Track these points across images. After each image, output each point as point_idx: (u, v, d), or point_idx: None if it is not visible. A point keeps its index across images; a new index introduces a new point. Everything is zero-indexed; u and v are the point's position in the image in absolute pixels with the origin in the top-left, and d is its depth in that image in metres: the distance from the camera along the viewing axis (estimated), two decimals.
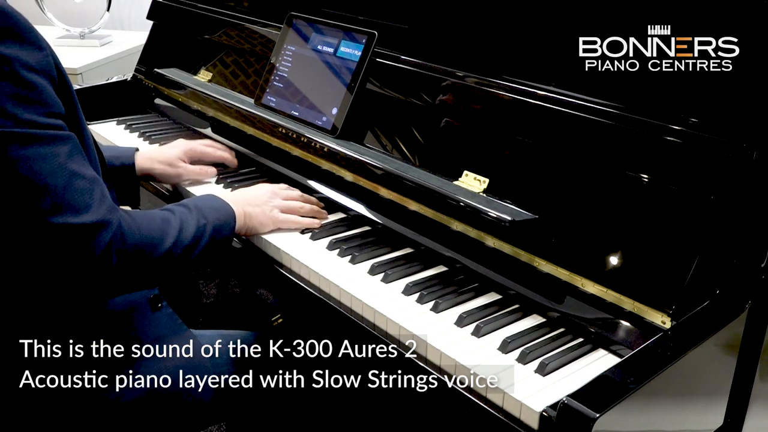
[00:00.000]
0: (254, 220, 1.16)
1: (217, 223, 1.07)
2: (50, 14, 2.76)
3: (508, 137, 1.09)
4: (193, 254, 1.02)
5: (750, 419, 0.96)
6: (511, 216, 0.99)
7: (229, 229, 1.10)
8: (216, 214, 1.08)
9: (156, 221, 1.00)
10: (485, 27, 1.19)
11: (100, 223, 0.88)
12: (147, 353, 1.06)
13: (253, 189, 1.23)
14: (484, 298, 1.02)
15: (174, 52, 1.83)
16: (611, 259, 0.93)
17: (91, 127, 1.74)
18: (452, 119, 1.17)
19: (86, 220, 0.87)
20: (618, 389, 0.71)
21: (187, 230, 1.02)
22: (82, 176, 0.88)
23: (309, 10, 1.47)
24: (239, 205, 1.14)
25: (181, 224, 1.02)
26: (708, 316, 0.85)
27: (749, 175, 0.87)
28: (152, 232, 0.97)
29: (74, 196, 0.87)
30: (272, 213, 1.18)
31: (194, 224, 1.03)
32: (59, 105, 0.89)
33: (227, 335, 1.21)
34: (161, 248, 0.97)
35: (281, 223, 1.19)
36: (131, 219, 0.95)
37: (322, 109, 1.35)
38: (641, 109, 0.96)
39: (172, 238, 0.99)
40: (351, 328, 1.01)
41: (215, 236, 1.06)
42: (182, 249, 1.00)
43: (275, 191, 1.22)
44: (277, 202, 1.20)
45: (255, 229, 1.17)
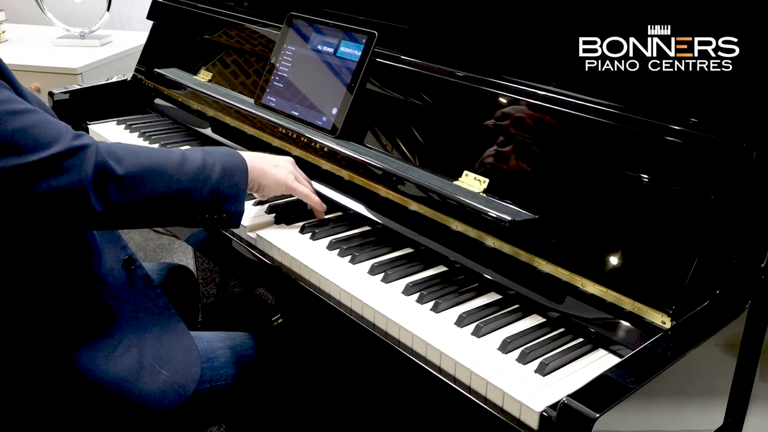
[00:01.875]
0: (269, 177, 1.14)
1: (226, 165, 1.04)
2: (50, 14, 2.76)
3: (508, 137, 1.09)
4: (203, 193, 0.99)
5: (750, 419, 0.96)
6: (511, 216, 0.99)
7: (242, 177, 1.06)
8: (226, 158, 1.06)
9: (156, 150, 0.98)
10: (485, 27, 1.19)
11: (73, 149, 0.86)
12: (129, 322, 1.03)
13: (271, 155, 1.21)
14: (484, 298, 1.02)
15: (174, 52, 1.83)
16: (611, 259, 0.93)
17: (91, 126, 1.74)
18: (452, 119, 1.17)
19: (59, 148, 0.84)
20: (618, 389, 0.71)
21: (193, 163, 0.99)
22: (32, 111, 0.86)
23: (309, 10, 1.47)
24: (252, 160, 1.11)
25: (183, 156, 0.99)
26: (708, 316, 0.85)
27: (749, 175, 0.87)
28: (152, 158, 0.95)
29: (36, 132, 0.84)
30: (288, 177, 1.17)
31: (201, 159, 1.01)
32: None
33: (226, 337, 1.21)
34: (165, 174, 0.95)
35: (294, 191, 1.18)
36: (128, 148, 0.93)
37: (322, 109, 1.35)
38: (641, 109, 0.96)
39: (173, 167, 0.96)
40: (351, 328, 1.01)
41: (225, 177, 1.02)
42: (188, 182, 0.97)
43: (295, 164, 1.22)
44: (294, 169, 1.19)
45: (269, 188, 1.15)
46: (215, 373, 1.12)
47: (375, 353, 0.99)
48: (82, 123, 1.77)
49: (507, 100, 1.09)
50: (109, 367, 1.00)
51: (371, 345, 0.99)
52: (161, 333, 1.07)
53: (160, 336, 1.07)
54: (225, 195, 1.03)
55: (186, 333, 1.10)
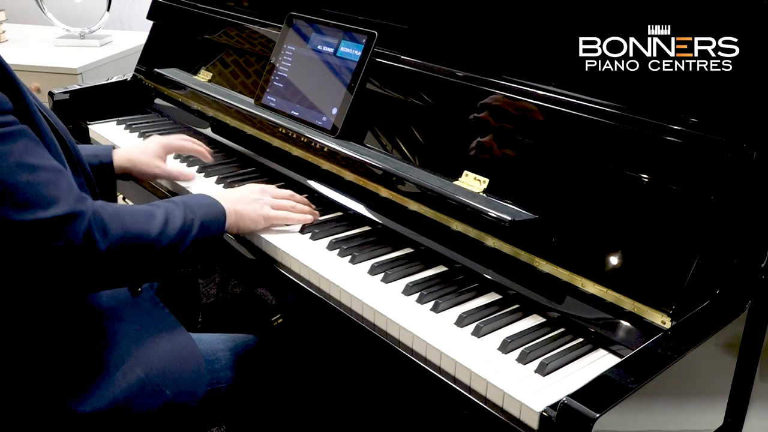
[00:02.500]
0: (246, 218, 1.14)
1: (206, 219, 1.05)
2: (50, 14, 2.76)
3: (508, 137, 1.09)
4: (180, 248, 1.00)
5: (750, 419, 0.96)
6: (511, 216, 0.99)
7: (219, 227, 1.08)
8: (204, 210, 1.06)
9: (140, 213, 0.98)
10: (485, 27, 1.19)
11: (72, 214, 0.86)
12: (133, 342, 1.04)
13: (243, 188, 1.21)
14: (484, 298, 1.02)
15: (174, 52, 1.83)
16: (611, 259, 0.93)
17: (91, 126, 1.74)
18: (452, 119, 1.17)
19: (57, 212, 0.84)
20: (618, 389, 0.71)
21: (173, 223, 1.00)
22: (42, 168, 0.86)
23: (309, 10, 1.47)
24: (230, 203, 1.12)
25: (166, 217, 1.00)
26: (708, 316, 0.85)
27: (749, 175, 0.87)
28: (136, 223, 0.95)
29: (38, 190, 0.84)
30: (263, 210, 1.16)
31: (180, 218, 1.01)
32: (5, 101, 0.86)
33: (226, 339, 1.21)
34: (146, 238, 0.95)
35: (273, 220, 1.17)
36: (113, 210, 0.93)
37: (322, 109, 1.35)
38: (641, 109, 0.96)
39: (156, 230, 0.97)
40: (351, 328, 1.01)
41: (204, 232, 1.04)
42: (168, 242, 0.98)
43: (265, 189, 1.21)
44: (268, 200, 1.18)
45: (247, 228, 1.15)
46: (216, 375, 1.12)
47: (375, 353, 0.99)
48: (82, 123, 1.77)
49: (507, 100, 1.09)
50: (106, 392, 0.99)
51: (371, 345, 0.99)
52: (167, 352, 1.07)
53: (166, 355, 1.06)
54: (201, 248, 1.04)
55: (195, 350, 1.10)
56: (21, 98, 0.90)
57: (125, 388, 1.01)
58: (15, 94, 0.89)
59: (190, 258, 1.04)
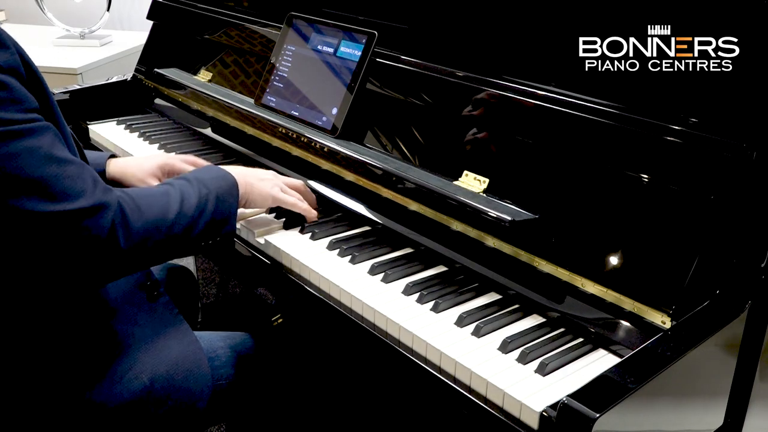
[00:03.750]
0: (255, 191, 1.14)
1: (219, 192, 1.05)
2: (50, 14, 2.76)
3: (508, 137, 1.09)
4: (199, 226, 1.01)
5: (750, 419, 0.96)
6: (511, 216, 0.99)
7: (234, 198, 1.08)
8: (218, 182, 1.07)
9: (156, 197, 0.98)
10: (485, 27, 1.19)
11: (100, 205, 0.87)
12: (143, 347, 1.04)
13: (256, 169, 1.21)
14: (484, 298, 1.02)
15: (174, 52, 1.83)
16: (611, 259, 0.93)
17: (91, 126, 1.74)
18: (452, 119, 1.17)
19: (84, 204, 0.86)
20: (618, 389, 0.71)
21: (189, 201, 1.01)
22: (70, 162, 0.87)
23: (309, 10, 1.47)
24: (240, 176, 1.12)
25: (182, 196, 1.00)
26: (708, 316, 0.85)
27: (749, 175, 0.87)
28: (154, 210, 0.96)
29: (67, 183, 0.85)
30: (273, 190, 1.17)
31: (196, 195, 1.02)
32: (32, 99, 0.88)
33: (226, 336, 1.21)
34: (165, 224, 0.96)
35: (280, 202, 1.17)
36: (131, 199, 0.94)
37: (322, 109, 1.35)
38: (641, 109, 0.96)
39: (174, 213, 0.98)
40: (351, 328, 1.01)
41: (219, 206, 1.04)
42: (187, 222, 0.99)
43: (277, 175, 1.22)
44: (279, 182, 1.19)
45: (254, 202, 1.15)
46: (216, 372, 1.12)
47: (375, 353, 0.99)
48: (82, 123, 1.77)
49: (507, 100, 1.09)
50: (113, 394, 1.00)
51: (371, 345, 0.99)
52: (175, 361, 1.07)
53: (174, 364, 1.06)
54: (219, 221, 1.05)
55: (202, 359, 1.09)
56: (46, 98, 0.92)
57: (131, 392, 1.01)
58: (41, 94, 0.91)
59: (207, 234, 1.04)
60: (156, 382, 1.03)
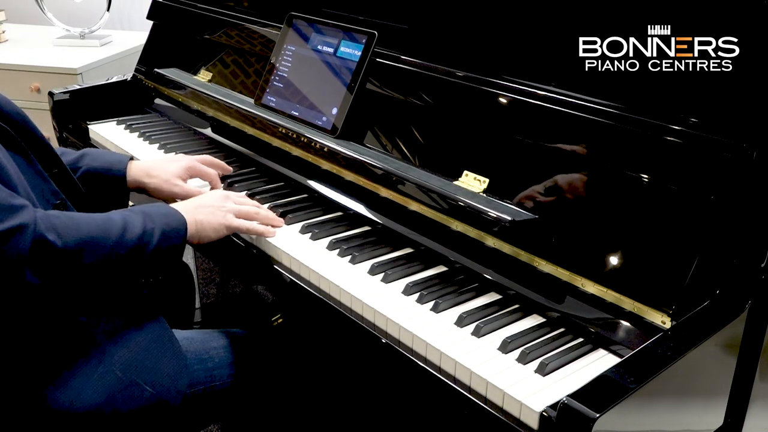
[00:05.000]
0: (207, 227, 1.11)
1: (166, 228, 1.03)
2: (50, 14, 2.76)
3: (508, 137, 1.09)
4: (142, 257, 0.99)
5: (750, 419, 0.96)
6: (511, 216, 0.99)
7: (180, 237, 1.05)
8: (164, 220, 1.04)
9: (97, 221, 0.96)
10: (485, 27, 1.19)
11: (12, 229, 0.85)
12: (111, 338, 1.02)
13: (205, 195, 1.18)
14: (484, 298, 1.02)
15: (174, 52, 1.83)
16: (611, 259, 0.93)
17: (91, 126, 1.74)
18: (452, 119, 1.17)
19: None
20: (618, 389, 0.71)
21: (132, 231, 0.98)
22: None
23: (309, 10, 1.47)
24: (190, 213, 1.09)
25: (125, 225, 0.98)
26: (708, 316, 0.85)
27: (749, 175, 0.87)
28: (92, 231, 0.94)
29: None
30: (226, 219, 1.13)
31: (140, 227, 1.00)
32: None
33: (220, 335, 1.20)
34: (103, 247, 0.94)
35: (236, 229, 1.15)
36: (69, 219, 0.92)
37: (322, 109, 1.35)
38: (641, 109, 0.96)
39: (114, 238, 0.96)
40: (351, 328, 1.01)
41: (165, 242, 1.02)
42: (127, 251, 0.97)
43: (228, 195, 1.18)
44: (231, 206, 1.15)
45: (209, 237, 1.12)
46: (209, 374, 1.12)
47: (375, 353, 0.99)
48: (82, 123, 1.77)
49: (507, 100, 1.09)
50: (84, 391, 0.98)
51: (371, 345, 0.99)
52: (145, 347, 1.05)
53: (144, 350, 1.05)
54: (163, 257, 1.03)
55: (174, 343, 1.08)
56: None
57: (105, 388, 0.99)
58: None
59: (153, 266, 1.02)
60: (128, 372, 1.01)
